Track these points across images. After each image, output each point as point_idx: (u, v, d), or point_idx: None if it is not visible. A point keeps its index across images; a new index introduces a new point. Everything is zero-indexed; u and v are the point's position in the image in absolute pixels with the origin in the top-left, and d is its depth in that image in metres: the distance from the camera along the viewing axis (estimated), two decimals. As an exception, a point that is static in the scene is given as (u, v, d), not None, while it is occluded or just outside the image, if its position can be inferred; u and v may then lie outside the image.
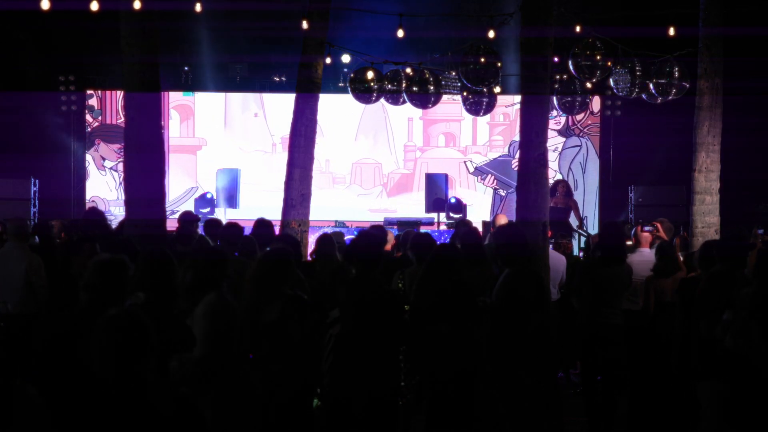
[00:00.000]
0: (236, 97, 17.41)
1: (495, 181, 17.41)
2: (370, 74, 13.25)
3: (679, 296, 6.85)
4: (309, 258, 8.88)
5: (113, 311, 3.50)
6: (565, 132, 17.28)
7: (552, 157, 17.07)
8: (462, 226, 10.24)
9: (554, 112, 16.71)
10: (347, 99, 14.87)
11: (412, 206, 16.98)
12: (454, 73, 13.21)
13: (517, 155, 17.79)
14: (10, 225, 8.21)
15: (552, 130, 17.10)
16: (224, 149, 17.32)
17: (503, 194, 17.42)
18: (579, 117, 17.00)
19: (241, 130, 17.48)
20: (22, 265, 7.86)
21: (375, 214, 16.67)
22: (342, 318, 6.09)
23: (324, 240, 7.92)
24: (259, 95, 17.35)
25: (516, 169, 17.29)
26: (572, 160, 17.49)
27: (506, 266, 6.50)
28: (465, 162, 17.48)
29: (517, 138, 17.46)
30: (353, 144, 17.41)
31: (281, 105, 16.77)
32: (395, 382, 6.11)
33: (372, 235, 7.51)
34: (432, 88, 13.28)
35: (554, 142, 17.09)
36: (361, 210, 16.98)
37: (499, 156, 17.57)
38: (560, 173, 17.02)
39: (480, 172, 17.48)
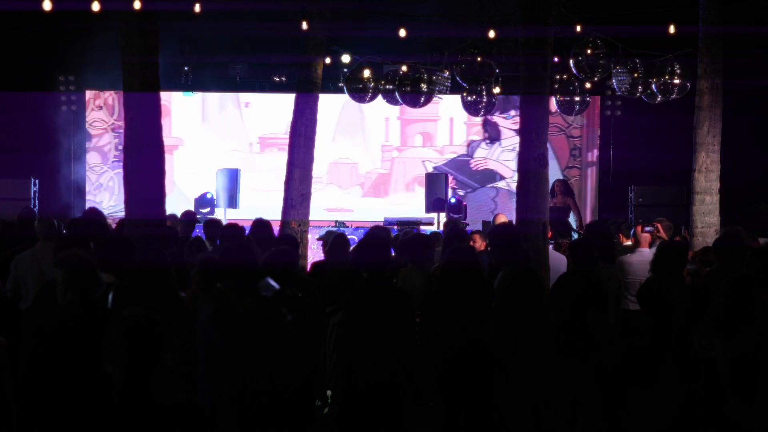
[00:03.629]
0: (213, 97, 17.37)
1: (453, 180, 17.40)
2: (366, 73, 13.25)
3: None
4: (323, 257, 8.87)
5: (129, 312, 3.44)
6: None
7: (510, 157, 17.21)
8: (451, 226, 10.27)
9: (512, 112, 16.69)
10: (324, 98, 14.81)
11: (390, 207, 16.93)
12: (447, 73, 13.21)
13: (475, 155, 17.96)
14: (38, 225, 8.18)
15: (510, 129, 17.23)
16: (201, 148, 17.28)
17: (462, 194, 17.39)
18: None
19: (218, 129, 17.43)
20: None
21: (333, 214, 16.52)
22: (352, 317, 6.06)
23: (337, 240, 7.92)
24: (235, 94, 17.31)
25: (475, 169, 17.31)
26: None
27: (501, 267, 6.50)
28: (423, 162, 17.45)
29: (475, 138, 17.51)
30: (331, 144, 17.33)
31: (261, 104, 16.93)
32: (404, 380, 6.11)
33: (380, 237, 7.46)
34: (425, 87, 13.29)
35: (513, 141, 17.24)
36: (330, 211, 16.84)
37: (458, 156, 17.55)
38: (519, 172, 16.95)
39: (438, 171, 17.46)
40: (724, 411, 4.66)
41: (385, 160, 17.60)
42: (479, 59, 12.16)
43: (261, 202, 15.44)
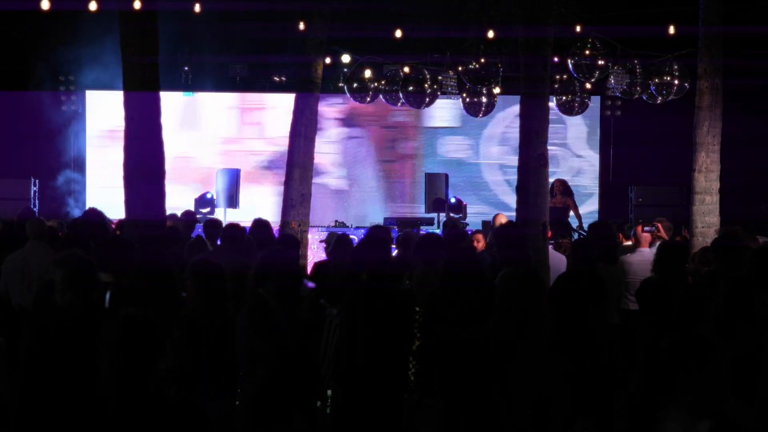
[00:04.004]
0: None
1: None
2: (366, 73, 13.26)
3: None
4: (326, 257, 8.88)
5: (125, 312, 3.44)
6: None
7: (329, 150, 17.17)
8: (451, 227, 10.28)
9: (339, 99, 16.52)
10: (163, 95, 14.27)
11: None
12: (452, 72, 13.22)
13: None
14: (29, 225, 8.21)
15: (335, 119, 17.32)
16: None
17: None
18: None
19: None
20: (44, 264, 7.82)
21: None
22: (350, 317, 6.06)
23: (340, 241, 7.93)
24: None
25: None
26: None
27: (503, 266, 6.49)
28: (248, 156, 17.27)
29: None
30: (176, 138, 16.61)
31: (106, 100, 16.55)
32: (403, 381, 6.10)
33: (379, 236, 7.45)
34: (429, 87, 13.29)
35: (335, 132, 17.31)
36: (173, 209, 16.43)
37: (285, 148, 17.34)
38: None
39: (276, 166, 16.92)
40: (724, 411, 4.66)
41: (220, 153, 17.40)
42: (483, 60, 12.17)
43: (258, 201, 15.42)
